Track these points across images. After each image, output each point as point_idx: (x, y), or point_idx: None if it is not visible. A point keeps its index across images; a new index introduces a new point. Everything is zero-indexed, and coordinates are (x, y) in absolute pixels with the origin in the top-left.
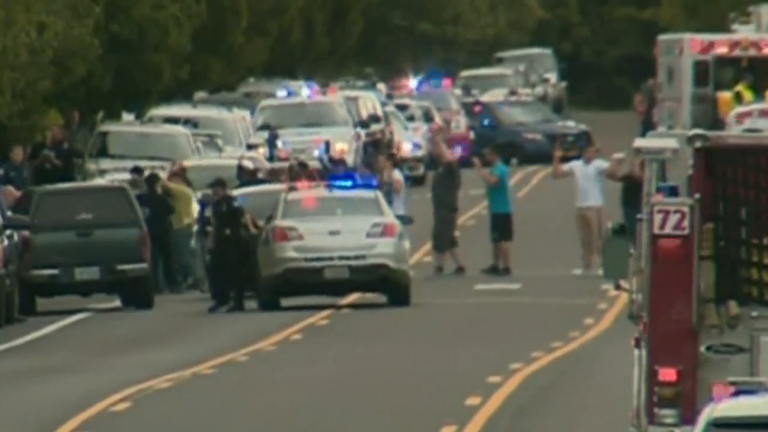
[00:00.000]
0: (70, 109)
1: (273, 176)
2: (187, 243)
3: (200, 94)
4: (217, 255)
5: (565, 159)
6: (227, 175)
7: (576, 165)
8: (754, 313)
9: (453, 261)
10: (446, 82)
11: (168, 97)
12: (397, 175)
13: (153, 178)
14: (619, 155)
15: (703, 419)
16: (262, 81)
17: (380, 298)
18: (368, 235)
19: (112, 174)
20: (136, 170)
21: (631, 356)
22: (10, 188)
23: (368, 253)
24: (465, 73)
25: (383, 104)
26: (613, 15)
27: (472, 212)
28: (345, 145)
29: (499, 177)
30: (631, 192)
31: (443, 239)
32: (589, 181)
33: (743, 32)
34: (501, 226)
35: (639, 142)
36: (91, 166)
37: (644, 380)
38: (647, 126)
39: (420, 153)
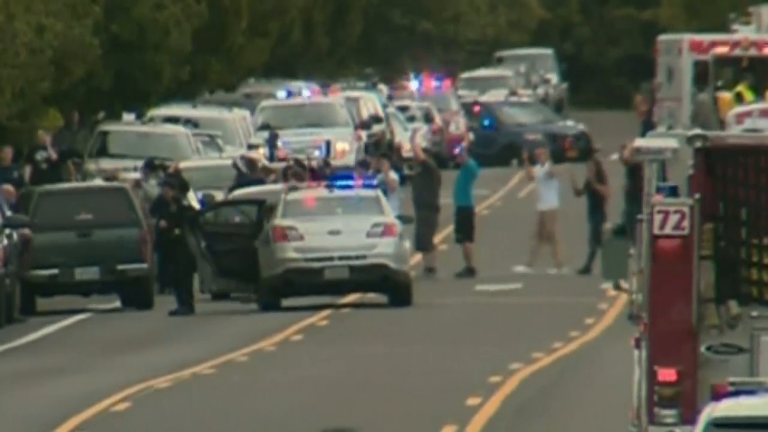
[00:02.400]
0: (70, 109)
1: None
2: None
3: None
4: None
5: (566, 160)
6: (230, 175)
7: (537, 168)
8: (754, 313)
9: (426, 261)
10: (446, 83)
11: (168, 97)
12: (392, 174)
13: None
14: (616, 156)
15: (703, 419)
16: (262, 81)
17: (381, 298)
18: (368, 235)
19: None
20: (149, 165)
21: (631, 356)
22: (9, 187)
23: (369, 253)
24: (466, 74)
25: (384, 105)
26: (614, 15)
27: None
28: (346, 145)
29: (469, 168)
30: (593, 201)
31: (426, 239)
32: (540, 184)
33: (743, 32)
34: (464, 224)
35: (639, 142)
36: (91, 166)
37: (644, 380)
38: (647, 126)
39: None
